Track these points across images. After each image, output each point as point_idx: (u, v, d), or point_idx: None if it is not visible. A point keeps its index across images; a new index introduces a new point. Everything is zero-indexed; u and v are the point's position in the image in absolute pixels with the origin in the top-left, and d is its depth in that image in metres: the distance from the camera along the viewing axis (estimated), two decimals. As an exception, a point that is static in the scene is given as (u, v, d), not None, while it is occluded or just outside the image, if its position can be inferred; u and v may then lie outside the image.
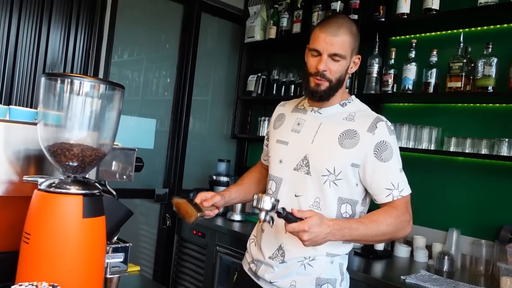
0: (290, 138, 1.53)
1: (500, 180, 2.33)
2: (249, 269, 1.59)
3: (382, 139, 1.42)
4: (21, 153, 1.17)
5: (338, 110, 1.50)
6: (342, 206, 1.44)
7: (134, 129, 3.23)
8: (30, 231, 1.00)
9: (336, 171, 1.41)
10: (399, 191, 1.41)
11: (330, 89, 1.45)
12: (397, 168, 1.44)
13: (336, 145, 1.43)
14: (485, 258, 2.21)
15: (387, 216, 1.36)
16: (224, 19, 3.63)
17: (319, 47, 1.42)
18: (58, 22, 2.70)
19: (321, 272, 1.44)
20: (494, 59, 2.18)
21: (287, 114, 1.62)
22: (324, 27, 1.43)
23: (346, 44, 1.42)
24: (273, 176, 1.54)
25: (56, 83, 1.04)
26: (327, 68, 1.42)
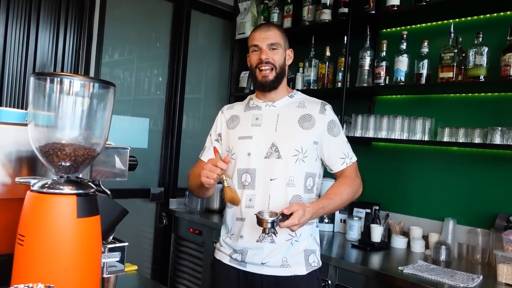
0: (252, 132, 1.69)
1: (494, 168, 2.34)
2: (231, 260, 1.68)
3: (331, 119, 1.71)
4: (12, 154, 1.16)
5: (289, 101, 1.74)
6: (307, 180, 1.66)
7: (127, 129, 3.21)
8: (24, 233, 0.99)
9: (303, 150, 1.64)
10: (350, 159, 1.71)
11: (276, 77, 1.67)
12: (345, 140, 1.74)
13: (299, 128, 1.66)
14: (482, 247, 2.23)
15: (345, 186, 1.65)
16: (214, 16, 3.61)
17: (257, 42, 1.67)
18: (46, 22, 2.67)
19: (306, 244, 1.66)
20: (485, 48, 2.19)
21: (240, 115, 1.77)
22: (257, 28, 1.72)
23: (278, 35, 1.68)
24: (245, 169, 1.66)
25: (46, 82, 1.03)
26: (269, 56, 1.65)
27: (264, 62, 1.64)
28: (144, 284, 1.75)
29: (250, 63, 1.71)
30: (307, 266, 1.64)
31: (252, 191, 1.64)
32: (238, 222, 1.67)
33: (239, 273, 1.65)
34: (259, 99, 1.76)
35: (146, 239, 3.33)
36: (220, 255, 1.73)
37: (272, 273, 1.61)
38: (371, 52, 2.66)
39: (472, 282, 1.88)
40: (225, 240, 1.73)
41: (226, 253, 1.70)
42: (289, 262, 1.62)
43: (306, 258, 1.65)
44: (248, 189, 1.65)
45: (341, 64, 2.80)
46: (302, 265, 1.63)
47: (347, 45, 2.73)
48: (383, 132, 2.57)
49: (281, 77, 1.69)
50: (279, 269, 1.61)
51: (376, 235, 2.43)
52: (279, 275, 1.61)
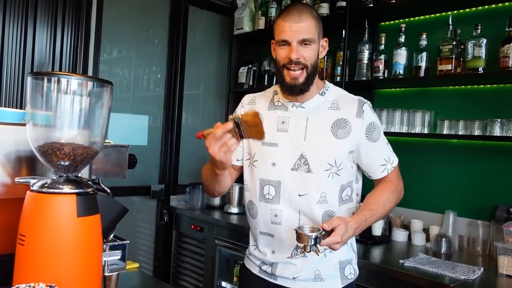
0: (278, 139, 1.47)
1: (494, 160, 2.34)
2: (260, 271, 1.55)
3: (370, 121, 1.47)
4: (11, 154, 1.16)
5: (320, 100, 1.49)
6: (343, 192, 1.48)
7: (126, 127, 3.21)
8: (24, 233, 0.99)
9: (337, 163, 1.43)
10: (391, 164, 1.52)
11: (308, 79, 1.42)
12: (385, 142, 1.54)
13: (331, 137, 1.43)
14: (482, 239, 2.23)
15: (388, 193, 1.48)
16: (212, 11, 3.60)
17: (286, 36, 1.38)
18: (44, 20, 2.66)
19: (340, 255, 1.49)
20: (483, 40, 2.18)
21: (263, 112, 1.51)
22: (286, 16, 1.40)
23: (312, 27, 1.40)
24: (267, 180, 1.48)
25: (43, 82, 1.02)
26: (299, 55, 1.39)
27: (294, 63, 1.39)
28: (146, 282, 1.75)
29: (277, 58, 1.43)
30: (342, 280, 1.48)
31: (277, 205, 1.46)
32: (265, 236, 1.52)
33: (269, 285, 1.52)
34: (286, 97, 1.51)
35: (147, 237, 3.33)
36: (250, 264, 1.60)
37: (304, 287, 1.47)
38: (369, 46, 2.66)
39: (473, 274, 1.88)
40: (253, 252, 1.58)
41: (256, 264, 1.57)
42: (323, 276, 1.46)
43: (341, 271, 1.48)
44: (271, 204, 1.47)
45: (340, 58, 2.79)
46: (337, 278, 1.47)
47: (345, 39, 2.72)
48: (382, 125, 2.56)
49: (313, 77, 1.44)
50: (311, 283, 1.46)
51: (377, 228, 2.44)
52: None
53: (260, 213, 1.51)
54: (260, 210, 1.50)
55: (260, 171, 1.49)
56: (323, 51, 1.48)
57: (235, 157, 1.58)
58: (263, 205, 1.49)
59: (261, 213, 1.50)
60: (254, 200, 1.52)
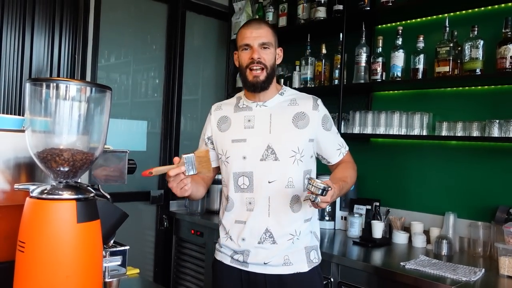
0: (246, 135, 1.65)
1: (493, 161, 2.34)
2: (232, 261, 1.68)
3: (324, 113, 1.70)
4: (11, 161, 1.16)
5: (280, 99, 1.69)
6: (305, 178, 1.65)
7: (125, 132, 3.21)
8: (24, 240, 0.98)
9: (300, 149, 1.63)
10: (344, 148, 1.76)
11: (267, 78, 1.63)
12: (336, 131, 1.77)
13: (293, 128, 1.63)
14: (483, 240, 2.23)
15: (350, 170, 1.71)
16: (209, 16, 3.61)
17: (248, 41, 1.61)
18: (41, 27, 2.66)
19: (306, 242, 1.66)
20: (480, 41, 2.19)
21: (230, 116, 1.72)
22: (248, 25, 1.65)
23: (270, 34, 1.64)
24: (241, 172, 1.64)
25: (42, 88, 1.02)
26: (260, 56, 1.60)
27: (256, 62, 1.60)
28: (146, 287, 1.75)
29: (240, 62, 1.66)
30: (308, 263, 1.65)
31: (251, 193, 1.63)
32: (238, 225, 1.66)
33: (241, 273, 1.65)
34: (249, 99, 1.71)
35: (147, 242, 3.32)
36: (221, 256, 1.72)
37: (275, 272, 1.61)
38: (367, 49, 2.67)
39: (474, 275, 1.88)
40: (224, 242, 1.70)
41: (227, 254, 1.69)
42: (291, 260, 1.62)
43: (307, 255, 1.65)
44: (246, 192, 1.64)
45: (338, 61, 2.80)
46: (304, 262, 1.64)
47: (343, 42, 2.73)
48: (381, 128, 2.57)
49: (272, 77, 1.66)
50: (281, 267, 1.62)
51: (377, 231, 2.44)
52: (282, 273, 1.62)
53: (236, 204, 1.66)
54: (236, 200, 1.66)
55: (233, 165, 1.66)
56: (279, 58, 1.71)
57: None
58: (238, 195, 1.65)
59: (237, 203, 1.66)
60: (229, 194, 1.67)
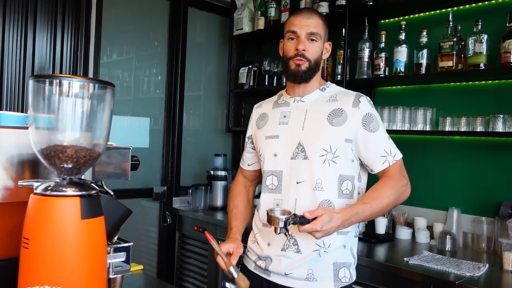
0: (279, 131, 1.56)
1: (497, 156, 2.33)
2: (255, 267, 1.57)
3: (367, 112, 1.51)
4: (14, 158, 1.16)
5: (320, 95, 1.58)
6: (343, 184, 1.49)
7: (128, 129, 3.21)
8: (29, 236, 0.99)
9: (333, 149, 1.47)
10: (393, 156, 1.50)
11: (309, 70, 1.52)
12: (385, 136, 1.53)
13: (327, 125, 1.49)
14: (487, 235, 2.22)
15: (386, 188, 1.44)
16: (211, 12, 3.60)
17: (295, 28, 1.52)
18: (43, 24, 2.66)
19: (336, 257, 1.48)
20: (484, 36, 2.18)
21: (269, 112, 1.65)
22: (298, 13, 1.56)
23: (320, 25, 1.54)
24: (271, 171, 1.55)
25: (45, 85, 1.02)
26: (305, 47, 1.51)
27: (300, 55, 1.50)
28: (150, 284, 1.75)
29: (285, 52, 1.55)
30: (335, 282, 1.46)
31: (279, 195, 1.52)
32: (264, 228, 1.56)
33: (262, 282, 1.54)
34: (289, 94, 1.62)
35: (151, 239, 3.33)
36: (247, 260, 1.64)
37: (296, 286, 1.47)
38: (369, 44, 2.65)
39: (478, 270, 1.88)
40: (251, 246, 1.61)
41: (252, 259, 1.60)
42: (315, 276, 1.45)
43: (335, 273, 1.47)
44: (275, 193, 1.53)
45: (340, 56, 2.79)
46: (330, 280, 1.46)
47: (345, 38, 2.72)
48: (384, 123, 2.55)
49: (315, 70, 1.54)
50: (303, 282, 1.46)
51: (381, 227, 2.43)
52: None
53: (263, 204, 1.56)
54: (264, 201, 1.56)
55: (265, 163, 1.57)
56: (326, 53, 1.60)
57: (247, 162, 1.74)
58: (266, 195, 1.56)
59: (264, 203, 1.56)
60: (262, 191, 1.59)
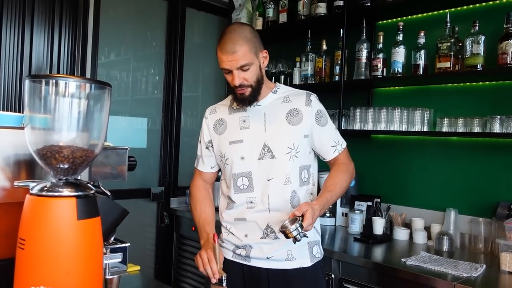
0: (242, 135, 1.66)
1: (494, 157, 2.34)
2: (234, 256, 1.68)
3: (318, 109, 1.68)
4: (10, 158, 1.15)
5: (273, 97, 1.69)
6: (302, 173, 1.66)
7: (125, 129, 3.20)
8: (25, 237, 0.98)
9: (295, 146, 1.63)
10: (340, 145, 1.72)
11: (254, 91, 1.62)
12: (333, 128, 1.73)
13: (287, 125, 1.64)
14: (484, 236, 2.23)
15: (342, 174, 1.67)
16: (209, 13, 3.60)
17: (225, 66, 1.57)
18: (41, 24, 2.66)
19: (309, 237, 1.62)
20: (481, 37, 2.18)
21: (225, 118, 1.73)
22: (223, 48, 1.55)
23: (246, 53, 1.55)
24: (240, 173, 1.65)
25: (41, 85, 1.02)
26: (241, 79, 1.57)
27: (239, 86, 1.58)
28: (147, 284, 1.75)
29: (228, 81, 1.65)
30: (311, 258, 1.66)
31: (251, 193, 1.64)
32: (239, 222, 1.67)
33: (243, 268, 1.65)
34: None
35: (148, 239, 3.33)
36: (223, 251, 1.72)
37: (278, 267, 1.62)
38: (367, 45, 2.66)
39: (475, 271, 1.88)
40: (226, 237, 1.72)
41: (229, 249, 1.70)
42: (294, 255, 1.62)
43: (310, 250, 1.66)
44: (247, 192, 1.65)
45: (338, 57, 2.79)
46: (306, 257, 1.65)
47: (343, 38, 2.72)
48: (382, 124, 2.56)
49: (259, 87, 1.63)
50: (284, 262, 1.62)
51: (378, 227, 2.43)
52: (285, 268, 1.62)
53: (237, 204, 1.67)
54: (237, 200, 1.67)
55: (232, 167, 1.67)
56: (264, 61, 1.66)
57: (209, 165, 1.81)
58: (239, 196, 1.66)
59: (238, 203, 1.67)
60: (230, 195, 1.68)
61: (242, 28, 1.59)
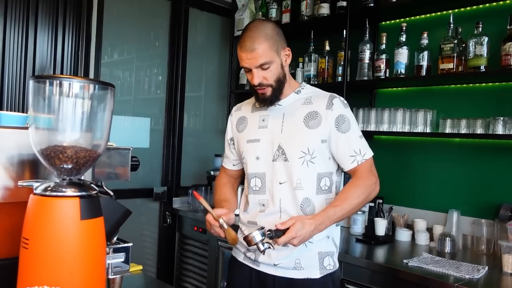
0: (260, 135, 1.63)
1: (496, 158, 2.33)
2: (245, 258, 1.66)
3: (340, 113, 1.57)
4: (14, 158, 1.16)
5: (295, 98, 1.63)
6: (321, 181, 1.58)
7: (128, 129, 3.21)
8: (28, 236, 0.99)
9: (310, 151, 1.55)
10: (362, 156, 1.58)
11: (275, 91, 1.57)
12: (357, 136, 1.59)
13: (304, 128, 1.56)
14: (486, 237, 2.22)
15: (355, 189, 1.53)
16: (212, 13, 3.61)
17: (245, 65, 1.54)
18: (44, 24, 2.67)
19: (321, 247, 1.58)
20: (485, 38, 2.18)
21: (248, 116, 1.70)
22: (242, 46, 1.52)
23: (266, 51, 1.50)
24: (254, 173, 1.62)
25: (45, 85, 1.03)
26: (261, 78, 1.53)
27: (259, 85, 1.54)
28: (149, 284, 1.75)
29: (248, 80, 1.60)
30: (321, 270, 1.57)
31: (263, 195, 1.60)
32: (251, 225, 1.64)
33: (252, 271, 1.62)
34: None
35: (150, 239, 3.33)
36: (236, 252, 1.71)
37: (285, 275, 1.56)
38: (370, 45, 2.65)
39: (477, 273, 1.87)
40: (240, 240, 1.64)
41: (241, 251, 1.68)
42: (302, 265, 1.55)
43: (320, 261, 1.57)
44: (259, 194, 1.61)
45: (341, 58, 2.79)
46: (315, 268, 1.56)
47: (346, 39, 2.72)
48: (384, 125, 2.56)
49: (280, 86, 1.58)
50: (291, 271, 1.56)
51: (380, 228, 2.43)
52: (292, 277, 1.56)
53: (251, 205, 1.64)
54: (251, 202, 1.64)
55: (248, 166, 1.65)
56: (287, 59, 1.60)
57: (231, 163, 1.80)
58: (252, 197, 1.63)
59: (251, 204, 1.64)
60: (248, 193, 1.66)
61: (263, 24, 1.54)
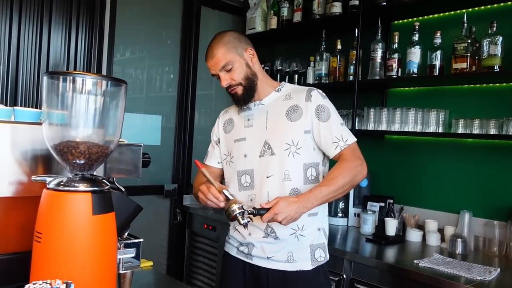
0: (246, 133, 1.70)
1: (510, 159, 2.30)
2: (238, 252, 1.70)
3: (319, 103, 1.64)
4: (28, 153, 1.18)
5: (276, 95, 1.71)
6: (307, 171, 1.63)
7: (140, 127, 3.24)
8: (41, 230, 1.00)
9: (295, 142, 1.61)
10: (344, 142, 1.62)
11: (246, 89, 1.65)
12: (338, 123, 1.65)
13: (286, 121, 1.64)
14: (499, 239, 2.20)
15: (340, 170, 1.57)
16: (224, 11, 3.61)
17: (212, 72, 1.67)
18: (58, 22, 2.70)
19: (312, 239, 1.64)
20: (499, 37, 2.15)
21: (234, 118, 1.78)
22: (206, 57, 1.68)
23: (225, 54, 1.62)
24: (243, 170, 1.68)
25: (59, 81, 1.04)
26: (228, 80, 1.64)
27: (229, 87, 1.65)
28: (159, 280, 1.77)
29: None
30: (313, 262, 1.63)
31: (252, 191, 1.66)
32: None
33: (245, 265, 1.67)
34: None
35: (161, 235, 3.36)
36: (228, 247, 1.76)
37: (278, 268, 1.62)
38: (382, 45, 2.64)
39: (489, 275, 1.86)
40: (232, 234, 1.74)
41: (234, 245, 1.72)
42: (295, 257, 1.61)
43: (312, 253, 1.63)
44: (248, 190, 1.67)
45: (353, 57, 2.78)
46: (307, 261, 1.62)
47: (358, 38, 2.71)
48: (396, 125, 2.54)
49: (252, 84, 1.66)
50: (284, 264, 1.61)
51: (391, 228, 2.42)
52: (285, 269, 1.61)
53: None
54: (240, 198, 1.63)
55: (236, 164, 1.70)
56: (252, 58, 1.68)
57: (216, 160, 1.83)
58: (242, 193, 1.67)
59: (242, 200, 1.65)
60: (238, 190, 1.69)
61: (221, 34, 1.67)
